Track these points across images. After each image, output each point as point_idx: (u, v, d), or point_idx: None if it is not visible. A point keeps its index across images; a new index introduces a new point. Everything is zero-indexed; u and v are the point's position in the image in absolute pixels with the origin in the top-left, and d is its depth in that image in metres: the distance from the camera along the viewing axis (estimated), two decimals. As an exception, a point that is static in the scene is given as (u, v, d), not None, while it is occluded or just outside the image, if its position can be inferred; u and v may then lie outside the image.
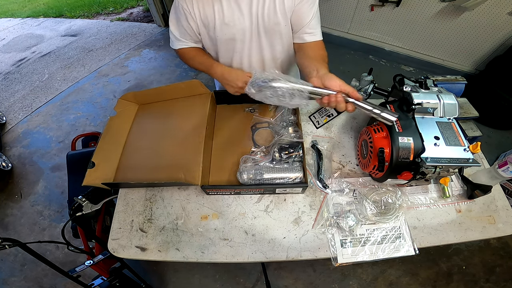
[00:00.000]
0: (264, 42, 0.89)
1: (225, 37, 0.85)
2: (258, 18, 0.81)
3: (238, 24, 0.82)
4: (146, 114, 1.00)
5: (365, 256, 0.71)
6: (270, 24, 0.83)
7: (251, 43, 0.88)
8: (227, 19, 0.80)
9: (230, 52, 0.91)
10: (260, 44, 0.89)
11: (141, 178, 0.81)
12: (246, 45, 0.89)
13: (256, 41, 0.88)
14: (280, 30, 0.85)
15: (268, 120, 0.97)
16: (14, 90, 2.89)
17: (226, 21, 0.81)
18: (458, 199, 0.80)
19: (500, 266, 1.48)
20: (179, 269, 1.53)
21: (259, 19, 0.81)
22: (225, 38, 0.86)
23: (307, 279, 1.47)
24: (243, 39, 0.86)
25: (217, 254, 0.73)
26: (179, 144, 0.85)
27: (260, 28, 0.84)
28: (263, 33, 0.85)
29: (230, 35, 0.84)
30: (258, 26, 0.83)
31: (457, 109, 0.70)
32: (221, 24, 0.81)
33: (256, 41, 0.88)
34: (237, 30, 0.83)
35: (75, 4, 4.74)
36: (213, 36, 0.86)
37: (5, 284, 1.53)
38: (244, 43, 0.88)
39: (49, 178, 2.02)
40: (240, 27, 0.82)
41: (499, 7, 1.94)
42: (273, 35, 0.87)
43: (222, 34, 0.84)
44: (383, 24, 2.55)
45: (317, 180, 0.82)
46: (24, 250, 0.78)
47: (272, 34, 0.86)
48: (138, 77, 2.88)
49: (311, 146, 0.91)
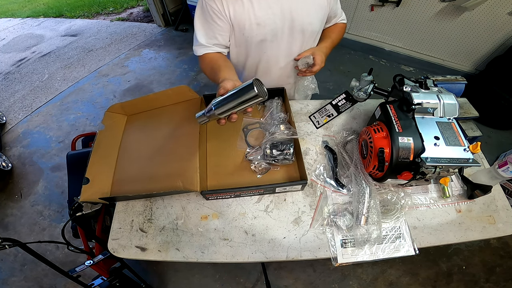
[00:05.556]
0: (294, 43, 0.89)
1: (257, 38, 0.84)
2: (291, 18, 0.81)
3: (269, 24, 0.81)
4: (136, 124, 0.97)
5: (365, 256, 0.71)
6: (303, 24, 0.83)
7: (281, 43, 0.88)
8: (258, 20, 0.79)
9: (260, 53, 0.90)
10: (290, 45, 0.89)
11: (138, 190, 0.79)
12: (276, 46, 0.88)
13: (287, 41, 0.88)
14: (312, 30, 0.86)
15: (258, 120, 0.97)
16: (14, 90, 2.89)
17: (258, 21, 0.80)
18: (458, 199, 0.80)
19: (500, 266, 1.48)
20: (179, 269, 1.53)
21: (292, 19, 0.82)
22: (256, 40, 0.85)
23: (307, 279, 1.47)
24: (274, 40, 0.86)
25: (217, 254, 0.73)
26: (174, 152, 0.84)
27: (292, 29, 0.84)
28: (295, 33, 0.86)
29: (261, 36, 0.84)
30: (290, 26, 0.83)
31: (457, 109, 0.70)
32: (252, 24, 0.80)
33: (286, 42, 0.88)
34: (268, 31, 0.83)
35: (75, 4, 4.75)
36: (244, 37, 0.84)
37: (5, 284, 1.53)
38: (274, 43, 0.87)
39: (49, 178, 2.02)
40: (271, 27, 0.82)
41: (499, 7, 1.94)
42: (304, 35, 0.87)
43: (253, 35, 0.83)
44: (383, 24, 2.55)
45: (333, 180, 0.83)
46: (24, 250, 0.78)
47: (303, 35, 0.87)
48: (138, 77, 2.88)
49: (324, 147, 0.91)
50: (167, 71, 2.94)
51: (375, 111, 0.82)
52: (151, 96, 0.95)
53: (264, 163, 0.83)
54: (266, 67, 0.96)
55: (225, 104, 0.60)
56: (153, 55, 3.19)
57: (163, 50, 3.25)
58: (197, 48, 0.87)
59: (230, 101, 0.59)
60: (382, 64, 2.78)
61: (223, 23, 0.80)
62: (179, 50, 3.21)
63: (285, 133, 0.84)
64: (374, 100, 1.02)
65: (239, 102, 0.58)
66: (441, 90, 0.74)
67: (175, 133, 0.89)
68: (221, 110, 0.60)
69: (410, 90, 0.72)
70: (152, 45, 3.36)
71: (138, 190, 0.78)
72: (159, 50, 3.25)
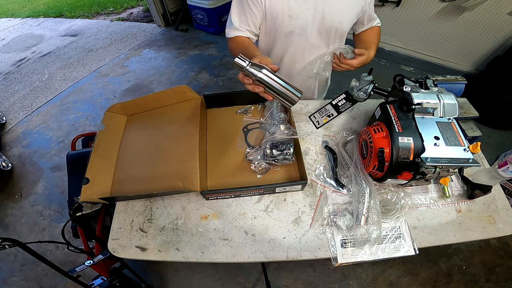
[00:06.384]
0: (322, 39, 0.89)
1: (286, 30, 0.86)
2: (323, 14, 0.82)
3: (301, 17, 0.82)
4: (136, 124, 0.97)
5: (365, 256, 0.71)
6: (333, 22, 0.84)
7: (308, 38, 0.88)
8: (291, 11, 0.81)
9: (287, 44, 0.91)
10: (316, 41, 0.90)
11: (138, 190, 0.79)
12: (303, 39, 0.89)
13: (314, 37, 0.88)
14: (341, 29, 0.87)
15: (258, 121, 0.97)
16: (14, 90, 2.89)
17: (290, 13, 0.81)
18: (458, 199, 0.80)
19: (500, 266, 1.48)
20: (179, 269, 1.53)
21: (324, 16, 0.82)
22: (286, 31, 0.86)
23: (307, 279, 1.47)
24: (302, 33, 0.87)
25: (217, 254, 0.73)
26: (173, 151, 0.84)
27: (322, 25, 0.85)
28: (324, 30, 0.86)
29: (291, 27, 0.85)
30: (319, 23, 0.84)
31: (457, 109, 0.70)
32: (284, 15, 0.82)
33: (315, 37, 0.88)
34: (298, 23, 0.84)
35: (75, 4, 4.75)
36: (274, 27, 0.86)
37: (5, 284, 1.53)
38: (301, 36, 0.88)
39: (49, 178, 2.02)
40: (302, 20, 0.83)
41: (499, 7, 1.94)
42: (331, 33, 0.88)
43: (284, 26, 0.84)
44: (383, 24, 2.53)
45: (333, 180, 0.83)
46: (24, 250, 0.78)
47: (331, 33, 0.87)
48: (138, 77, 2.88)
49: (324, 147, 0.91)
50: (167, 71, 2.94)
51: (375, 111, 0.82)
52: (151, 96, 0.95)
53: (264, 163, 0.83)
54: (291, 60, 0.97)
55: (268, 81, 0.63)
56: (153, 55, 3.19)
57: (163, 50, 3.25)
58: (230, 30, 0.88)
59: (277, 81, 0.63)
60: (382, 64, 2.78)
61: (258, 11, 0.83)
62: (179, 50, 3.21)
63: (285, 133, 0.84)
64: (374, 100, 1.02)
65: (282, 87, 0.63)
66: (441, 90, 0.74)
67: (175, 133, 0.89)
68: (264, 80, 0.63)
69: (410, 90, 0.72)
70: (152, 45, 3.36)
71: (138, 190, 0.79)
72: (159, 50, 3.25)
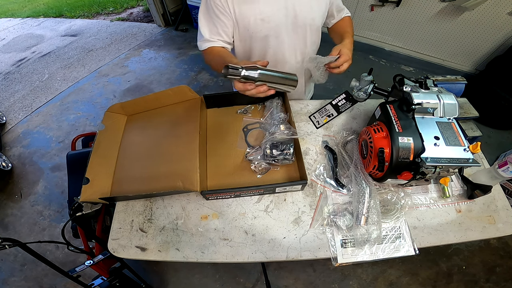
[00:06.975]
0: (298, 38, 0.90)
1: (261, 34, 0.85)
2: (294, 13, 0.82)
3: (273, 20, 0.82)
4: (136, 124, 0.97)
5: (365, 256, 0.71)
6: (306, 19, 0.84)
7: (285, 39, 0.88)
8: (263, 15, 0.80)
9: (265, 48, 0.91)
10: (294, 40, 0.90)
11: (138, 190, 0.79)
12: (280, 41, 0.89)
13: (290, 37, 0.88)
14: (315, 25, 0.87)
15: (258, 121, 0.97)
16: (14, 90, 2.89)
17: (262, 17, 0.81)
18: (458, 199, 0.80)
19: (500, 266, 1.48)
20: (179, 269, 1.53)
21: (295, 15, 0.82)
22: (261, 35, 0.85)
23: (307, 279, 1.47)
24: (278, 35, 0.87)
25: (217, 254, 0.73)
26: (173, 151, 0.84)
27: (295, 24, 0.85)
28: (298, 28, 0.86)
29: (265, 31, 0.84)
30: (293, 22, 0.84)
31: (457, 109, 0.70)
32: (257, 20, 0.81)
33: (291, 37, 0.88)
34: (272, 26, 0.83)
35: (75, 4, 4.75)
36: (248, 33, 0.85)
37: (5, 284, 1.53)
38: (278, 38, 0.88)
39: (49, 178, 2.02)
40: (275, 23, 0.83)
41: (499, 7, 1.94)
42: (306, 31, 0.88)
43: (257, 30, 0.84)
44: (383, 24, 2.55)
45: (333, 180, 0.83)
46: (24, 250, 0.78)
47: (305, 30, 0.88)
48: (138, 77, 2.88)
49: (324, 147, 0.91)
50: (167, 71, 2.94)
51: (375, 111, 0.82)
52: (151, 96, 0.95)
53: (264, 163, 0.83)
54: (273, 61, 0.96)
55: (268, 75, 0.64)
56: (153, 55, 3.18)
57: (163, 50, 3.25)
58: (202, 43, 0.87)
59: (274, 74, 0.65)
60: (382, 64, 2.78)
61: (227, 19, 0.81)
62: (179, 50, 3.21)
63: (285, 133, 0.84)
64: (374, 100, 1.02)
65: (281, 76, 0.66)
66: (441, 90, 0.74)
67: (175, 133, 0.89)
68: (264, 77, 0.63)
69: (410, 90, 0.72)
70: (152, 45, 3.35)
71: (138, 190, 0.78)
72: (159, 50, 3.25)
